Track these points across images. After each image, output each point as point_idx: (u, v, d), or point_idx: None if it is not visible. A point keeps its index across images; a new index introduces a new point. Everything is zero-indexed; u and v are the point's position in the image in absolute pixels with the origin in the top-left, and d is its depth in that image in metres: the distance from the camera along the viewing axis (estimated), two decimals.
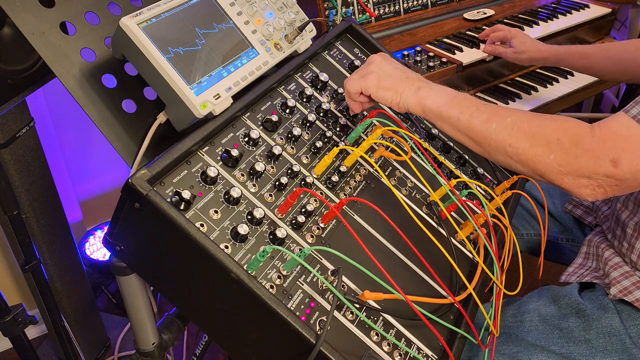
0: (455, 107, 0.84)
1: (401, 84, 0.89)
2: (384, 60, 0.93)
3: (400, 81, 0.89)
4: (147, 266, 0.81)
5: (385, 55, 0.95)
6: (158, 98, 0.85)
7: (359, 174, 0.95)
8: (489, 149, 0.83)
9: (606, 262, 1.03)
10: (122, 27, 0.78)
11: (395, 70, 0.91)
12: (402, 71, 0.91)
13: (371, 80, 0.90)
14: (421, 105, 0.87)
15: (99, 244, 1.98)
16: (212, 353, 1.74)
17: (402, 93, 0.88)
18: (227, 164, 0.82)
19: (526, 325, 1.01)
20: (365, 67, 0.93)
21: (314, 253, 0.80)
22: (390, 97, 0.89)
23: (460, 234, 0.97)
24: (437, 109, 0.86)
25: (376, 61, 0.92)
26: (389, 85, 0.89)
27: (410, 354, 0.78)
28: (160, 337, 0.90)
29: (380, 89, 0.89)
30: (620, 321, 0.96)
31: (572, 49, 1.42)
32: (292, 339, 0.70)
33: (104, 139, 0.83)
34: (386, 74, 0.90)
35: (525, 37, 1.47)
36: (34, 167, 1.33)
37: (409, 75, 0.90)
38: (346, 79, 0.94)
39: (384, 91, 0.89)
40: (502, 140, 0.81)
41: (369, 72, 0.91)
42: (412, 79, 0.90)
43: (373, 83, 0.89)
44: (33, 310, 1.80)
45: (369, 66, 0.92)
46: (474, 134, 0.83)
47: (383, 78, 0.89)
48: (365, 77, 0.90)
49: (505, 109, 0.84)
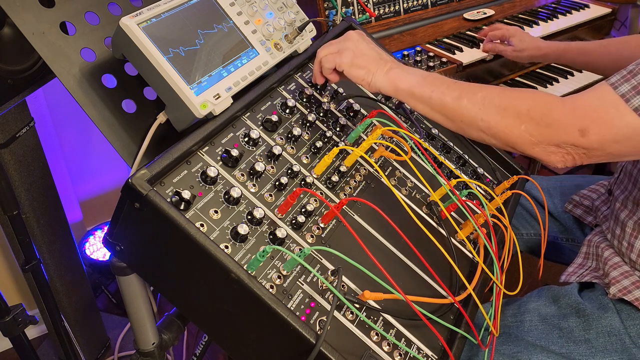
0: (426, 86, 0.86)
1: (374, 64, 0.90)
2: (361, 38, 0.94)
3: (374, 61, 0.90)
4: (147, 266, 0.81)
5: (361, 33, 0.96)
6: (158, 98, 0.85)
7: (359, 174, 0.95)
8: (461, 124, 0.85)
9: (606, 261, 1.03)
10: (122, 27, 0.78)
11: (370, 50, 0.92)
12: (376, 52, 0.92)
13: (346, 57, 0.91)
14: (393, 86, 0.89)
15: (99, 244, 1.98)
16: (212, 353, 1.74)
17: (375, 73, 0.90)
18: (227, 164, 0.82)
19: (526, 325, 1.01)
20: (341, 42, 0.93)
21: (314, 253, 0.80)
22: (362, 75, 0.90)
23: (460, 234, 0.97)
24: (409, 88, 0.87)
25: (353, 38, 0.93)
26: (363, 64, 0.90)
27: (410, 354, 0.78)
28: (160, 337, 0.90)
29: (354, 67, 0.90)
30: (620, 321, 0.96)
31: (572, 45, 1.42)
32: (292, 339, 0.70)
33: (104, 139, 0.83)
34: (361, 52, 0.91)
35: (525, 35, 1.47)
36: (34, 167, 1.33)
37: (383, 57, 0.92)
38: (320, 49, 0.94)
39: (357, 69, 0.90)
40: (473, 115, 0.83)
41: (345, 48, 0.92)
42: (385, 60, 0.91)
43: (347, 60, 0.90)
44: (33, 310, 1.80)
45: (346, 42, 0.93)
46: (446, 110, 0.85)
47: (358, 56, 0.91)
48: (341, 53, 0.91)
49: (476, 85, 0.86)
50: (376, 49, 0.93)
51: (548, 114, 0.78)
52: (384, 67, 0.90)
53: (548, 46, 1.43)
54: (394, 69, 0.90)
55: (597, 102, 0.77)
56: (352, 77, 0.91)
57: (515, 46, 1.47)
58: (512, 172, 1.17)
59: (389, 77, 0.89)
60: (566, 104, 0.78)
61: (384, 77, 0.89)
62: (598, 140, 0.76)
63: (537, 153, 0.80)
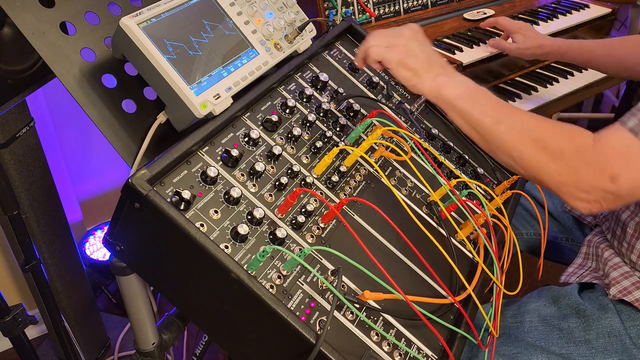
0: (469, 101, 0.85)
1: (423, 67, 0.88)
2: (414, 35, 0.91)
3: (423, 64, 0.88)
4: (147, 266, 0.81)
5: (416, 30, 0.93)
6: (158, 98, 0.85)
7: (359, 174, 0.95)
8: (494, 147, 0.84)
9: (606, 262, 1.03)
10: (122, 27, 0.78)
11: (421, 51, 0.89)
12: (427, 54, 0.89)
13: (396, 55, 0.88)
14: (437, 92, 0.87)
15: (99, 244, 1.98)
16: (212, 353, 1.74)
17: (422, 76, 0.87)
18: (227, 164, 0.82)
19: (526, 326, 1.01)
20: (394, 36, 0.91)
21: (314, 253, 0.80)
22: (408, 77, 0.88)
23: (460, 234, 0.97)
24: (452, 99, 0.86)
25: (406, 34, 0.90)
26: (412, 65, 0.88)
27: (410, 354, 0.78)
28: (160, 337, 0.90)
29: (401, 66, 0.88)
30: (620, 321, 0.96)
31: (574, 43, 1.42)
32: (292, 339, 0.70)
33: (104, 139, 0.83)
34: (412, 52, 0.88)
35: (528, 31, 1.47)
36: (34, 167, 1.33)
37: (434, 60, 0.89)
38: (371, 37, 0.92)
39: (404, 70, 0.88)
40: (508, 143, 0.82)
41: (395, 44, 0.89)
42: (435, 64, 0.89)
43: (396, 58, 0.88)
44: (33, 310, 1.80)
45: (398, 38, 0.90)
46: (482, 131, 0.84)
47: (407, 56, 0.88)
48: (391, 49, 0.89)
49: (517, 111, 0.85)
50: (427, 50, 0.91)
51: (581, 156, 0.77)
52: (432, 71, 0.87)
53: (550, 44, 1.43)
54: (441, 75, 0.87)
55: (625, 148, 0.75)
56: (398, 76, 0.89)
57: (518, 43, 1.47)
58: (513, 172, 1.17)
59: (435, 83, 0.87)
60: (596, 148, 0.77)
61: (430, 82, 0.87)
62: (629, 186, 0.75)
63: (564, 195, 0.79)
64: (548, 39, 1.45)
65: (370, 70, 1.13)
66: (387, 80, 1.14)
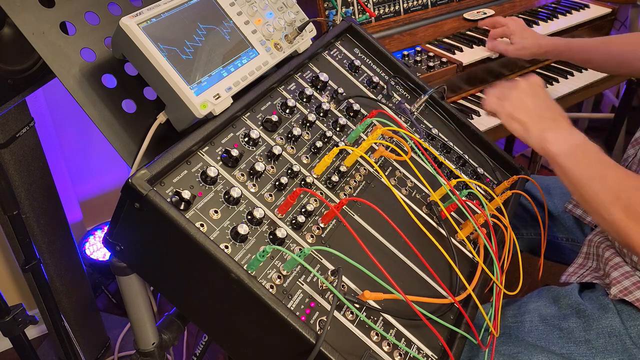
0: (571, 159, 0.87)
1: (532, 121, 0.91)
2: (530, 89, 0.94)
3: (532, 118, 0.91)
4: (147, 266, 0.81)
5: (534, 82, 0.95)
6: (158, 98, 0.85)
7: (359, 174, 0.95)
8: (588, 206, 0.86)
9: (607, 262, 1.02)
10: (122, 27, 0.78)
11: (534, 106, 0.92)
12: (540, 108, 0.92)
13: (506, 108, 0.93)
14: (543, 148, 0.90)
15: (99, 244, 1.98)
16: (212, 353, 1.74)
17: (530, 130, 0.91)
18: (227, 164, 0.82)
19: (526, 326, 1.01)
20: (508, 89, 0.94)
21: (314, 253, 0.80)
22: (517, 130, 0.92)
23: (460, 234, 0.97)
24: (555, 156, 0.88)
25: (521, 87, 0.94)
26: (521, 119, 0.91)
27: (410, 354, 0.78)
28: (160, 337, 0.90)
29: (510, 119, 0.92)
30: (620, 321, 0.96)
31: (573, 42, 1.42)
32: (292, 339, 0.70)
33: (104, 139, 0.83)
34: (523, 106, 0.92)
35: (525, 32, 1.47)
36: (34, 167, 1.33)
37: (544, 115, 0.91)
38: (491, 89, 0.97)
39: (513, 122, 0.92)
40: (602, 205, 0.83)
41: (508, 97, 0.93)
42: (545, 118, 0.91)
43: (506, 111, 0.92)
44: (33, 310, 1.80)
45: (512, 90, 0.94)
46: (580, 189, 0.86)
47: (518, 109, 0.92)
48: (502, 102, 0.93)
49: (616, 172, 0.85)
50: (541, 104, 0.93)
51: None
52: (540, 126, 0.90)
53: (549, 43, 1.44)
54: (549, 130, 0.89)
55: None
56: (508, 128, 0.93)
57: (516, 44, 1.47)
58: (512, 172, 1.17)
59: (542, 138, 0.89)
60: None
61: (537, 137, 0.90)
62: None
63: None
64: (546, 38, 1.45)
65: (370, 70, 1.13)
66: (387, 80, 1.14)
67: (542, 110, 0.92)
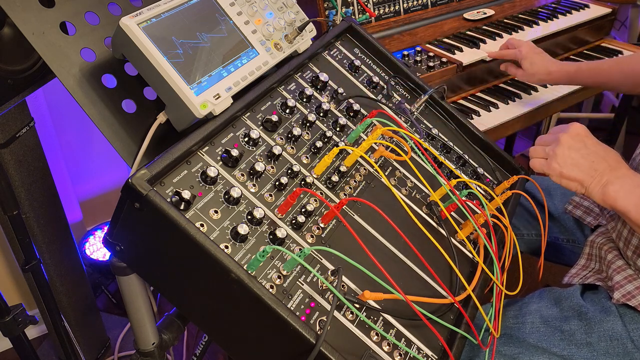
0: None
1: (587, 177, 0.85)
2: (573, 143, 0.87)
3: (586, 175, 0.85)
4: (147, 266, 0.81)
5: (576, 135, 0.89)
6: (158, 98, 0.85)
7: (359, 174, 0.95)
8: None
9: (609, 265, 1.02)
10: (122, 27, 0.78)
11: (582, 159, 0.86)
12: (590, 161, 0.86)
13: (554, 169, 0.87)
14: (608, 204, 0.85)
15: (99, 244, 1.98)
16: (212, 353, 1.74)
17: (588, 187, 0.86)
18: (227, 164, 0.82)
19: (527, 327, 1.00)
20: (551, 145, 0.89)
21: (314, 253, 0.80)
22: (574, 187, 0.87)
23: (460, 234, 0.97)
24: (626, 212, 0.83)
25: (564, 143, 0.87)
26: (574, 177, 0.86)
27: (410, 354, 0.78)
28: (160, 337, 0.90)
29: (564, 179, 0.87)
30: (622, 325, 0.95)
31: (582, 66, 1.40)
32: (292, 339, 0.70)
33: (104, 139, 0.83)
34: (571, 162, 0.86)
35: (536, 57, 1.45)
36: (34, 167, 1.33)
37: (597, 167, 0.85)
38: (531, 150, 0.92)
39: (567, 182, 0.87)
40: None
41: (553, 155, 0.87)
42: (599, 171, 0.85)
43: (556, 172, 0.87)
44: (33, 310, 1.80)
45: (555, 147, 0.88)
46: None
47: (567, 167, 0.86)
48: (550, 163, 0.88)
49: None
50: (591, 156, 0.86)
51: None
52: (598, 179, 0.84)
53: (558, 70, 1.41)
54: (609, 184, 0.83)
55: None
56: (564, 187, 0.89)
57: (525, 70, 1.46)
58: (512, 172, 1.17)
59: (606, 194, 0.84)
60: None
61: (599, 192, 0.84)
62: None
63: None
64: (556, 64, 1.43)
65: (370, 70, 1.13)
66: (387, 81, 1.14)
67: (595, 162, 0.85)
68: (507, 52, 1.52)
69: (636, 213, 0.82)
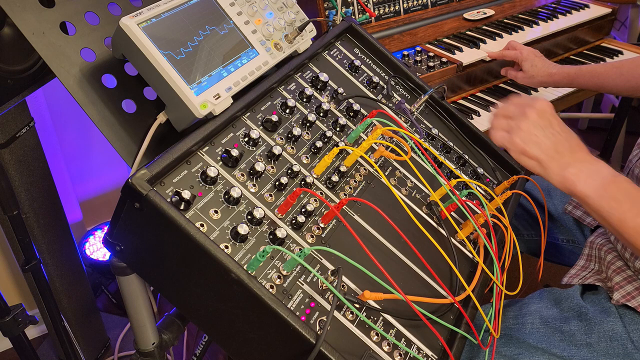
0: (605, 200, 0.79)
1: (547, 157, 0.82)
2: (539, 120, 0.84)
3: (547, 153, 0.83)
4: (147, 266, 0.81)
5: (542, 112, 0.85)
6: (158, 98, 0.85)
7: (359, 174, 0.95)
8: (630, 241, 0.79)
9: (609, 265, 1.02)
10: (122, 27, 0.78)
11: (545, 139, 0.83)
12: (554, 142, 0.83)
13: (516, 144, 0.84)
14: (567, 188, 0.82)
15: (99, 244, 1.98)
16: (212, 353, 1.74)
17: (547, 168, 0.83)
18: (227, 164, 0.82)
19: (527, 327, 1.00)
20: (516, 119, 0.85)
21: (314, 253, 0.80)
22: (532, 166, 0.84)
23: (460, 234, 0.97)
24: (584, 197, 0.80)
25: (530, 117, 0.84)
26: (534, 155, 0.83)
27: (410, 354, 0.78)
28: (160, 337, 0.90)
29: (524, 156, 0.84)
30: (622, 325, 0.95)
31: (583, 69, 1.40)
32: (292, 339, 0.70)
33: (104, 139, 0.83)
34: (534, 140, 0.83)
35: (537, 60, 1.45)
36: (34, 167, 1.33)
37: (559, 149, 0.83)
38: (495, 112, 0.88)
39: (527, 159, 0.84)
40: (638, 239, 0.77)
41: (517, 129, 0.84)
42: (561, 153, 0.83)
43: (517, 147, 0.84)
44: (33, 310, 1.80)
45: (520, 122, 0.85)
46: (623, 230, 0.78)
47: (529, 144, 0.83)
48: (511, 136, 0.84)
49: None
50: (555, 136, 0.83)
51: None
52: (559, 162, 0.82)
53: (559, 72, 1.41)
54: (570, 166, 0.81)
55: None
56: (522, 164, 0.86)
57: (526, 72, 1.46)
58: (512, 172, 1.17)
59: (564, 177, 0.81)
60: None
61: (558, 175, 0.82)
62: None
63: None
64: (556, 67, 1.43)
65: (370, 70, 1.13)
66: (387, 81, 1.14)
67: (558, 143, 0.83)
68: (507, 52, 1.52)
69: (596, 197, 0.79)
